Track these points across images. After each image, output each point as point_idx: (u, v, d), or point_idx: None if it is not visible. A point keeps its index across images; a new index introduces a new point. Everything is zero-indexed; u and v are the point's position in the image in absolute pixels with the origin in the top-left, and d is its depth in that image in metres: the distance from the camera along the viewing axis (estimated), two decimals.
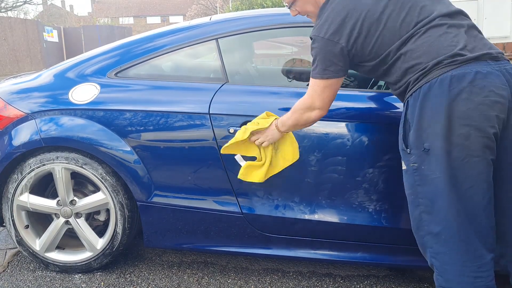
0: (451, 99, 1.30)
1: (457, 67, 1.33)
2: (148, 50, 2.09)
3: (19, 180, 2.08)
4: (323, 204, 1.94)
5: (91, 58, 2.15)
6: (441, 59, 1.35)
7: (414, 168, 1.39)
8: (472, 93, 1.29)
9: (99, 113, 2.01)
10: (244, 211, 1.98)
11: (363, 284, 2.10)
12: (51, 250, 2.18)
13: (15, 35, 18.01)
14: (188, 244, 2.11)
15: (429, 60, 1.37)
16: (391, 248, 1.96)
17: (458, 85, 1.31)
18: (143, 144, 1.99)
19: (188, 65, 2.20)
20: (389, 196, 1.89)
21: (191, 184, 2.00)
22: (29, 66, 18.46)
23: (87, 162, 2.03)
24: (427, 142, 1.34)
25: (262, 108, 1.90)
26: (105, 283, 2.13)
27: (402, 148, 1.45)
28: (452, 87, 1.31)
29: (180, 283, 2.12)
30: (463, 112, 1.29)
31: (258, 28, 2.06)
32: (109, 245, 2.12)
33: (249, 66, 2.43)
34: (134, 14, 46.53)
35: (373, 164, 1.87)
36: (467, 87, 1.30)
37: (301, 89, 2.01)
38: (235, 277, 2.17)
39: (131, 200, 2.08)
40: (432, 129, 1.33)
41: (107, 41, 19.77)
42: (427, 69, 1.37)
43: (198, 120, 1.94)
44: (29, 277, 2.20)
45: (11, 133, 2.07)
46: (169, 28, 2.20)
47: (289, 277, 2.16)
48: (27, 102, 2.10)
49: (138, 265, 2.29)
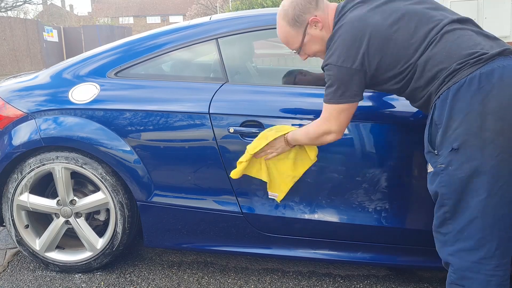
0: (483, 97, 1.30)
1: (483, 65, 1.33)
2: (148, 50, 2.09)
3: (19, 180, 2.08)
4: (323, 204, 1.94)
5: (91, 58, 2.15)
6: (465, 60, 1.35)
7: (442, 169, 1.39)
8: (503, 88, 1.29)
9: (99, 112, 2.01)
10: (244, 211, 1.98)
11: (363, 284, 2.10)
12: (51, 249, 2.18)
13: (15, 35, 18.01)
14: (188, 244, 2.11)
15: (452, 63, 1.37)
16: (391, 248, 1.96)
17: (488, 82, 1.30)
18: (143, 144, 1.99)
19: (188, 64, 2.20)
20: (389, 196, 1.89)
21: (191, 184, 2.00)
22: (29, 66, 18.47)
23: (87, 161, 2.03)
24: (457, 142, 1.33)
25: (262, 107, 1.91)
26: (105, 283, 2.13)
27: (429, 150, 1.44)
28: (482, 84, 1.31)
29: (180, 283, 2.12)
30: (496, 108, 1.29)
31: (258, 28, 2.06)
32: (109, 245, 2.12)
33: (249, 66, 2.43)
34: (134, 14, 46.54)
35: (373, 163, 1.87)
36: (497, 82, 1.30)
37: (301, 89, 2.01)
38: (235, 277, 2.17)
39: (131, 200, 2.08)
40: (463, 128, 1.32)
41: (107, 41, 19.78)
42: (452, 71, 1.36)
43: (198, 120, 1.94)
44: (29, 277, 2.20)
45: (11, 133, 2.07)
46: (169, 28, 2.20)
47: (289, 277, 2.16)
48: (27, 101, 2.10)
49: (138, 265, 2.29)
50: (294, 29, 1.61)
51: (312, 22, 1.58)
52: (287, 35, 1.64)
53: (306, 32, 1.60)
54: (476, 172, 1.32)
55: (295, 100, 1.93)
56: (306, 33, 1.60)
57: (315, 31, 1.60)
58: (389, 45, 1.45)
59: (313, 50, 1.64)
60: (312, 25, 1.59)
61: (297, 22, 1.59)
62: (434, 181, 1.42)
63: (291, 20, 1.60)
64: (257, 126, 1.90)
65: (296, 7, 1.58)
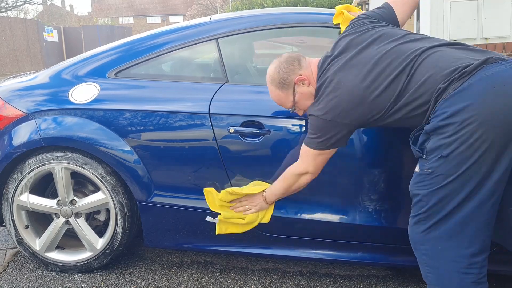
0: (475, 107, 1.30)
1: (470, 77, 1.33)
2: (148, 50, 2.09)
3: (19, 180, 2.08)
4: (323, 204, 1.94)
5: (91, 58, 2.15)
6: (449, 78, 1.36)
7: (428, 173, 1.40)
8: (497, 95, 1.30)
9: (99, 112, 2.01)
10: None
11: (363, 284, 2.10)
12: (51, 250, 2.18)
13: (15, 35, 18.01)
14: (188, 244, 2.11)
15: (436, 86, 1.38)
16: (391, 248, 1.96)
17: (478, 92, 1.31)
18: (143, 144, 1.99)
19: (188, 65, 2.20)
20: (389, 196, 1.89)
21: (191, 184, 2.00)
22: (29, 66, 18.47)
23: (87, 162, 2.03)
24: (447, 150, 1.34)
25: (262, 107, 1.91)
26: (105, 283, 2.13)
27: (418, 155, 1.46)
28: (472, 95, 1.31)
29: (180, 283, 2.12)
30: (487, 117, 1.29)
31: (258, 28, 2.06)
32: (109, 245, 2.12)
33: (249, 66, 2.43)
34: (134, 14, 46.54)
35: (373, 164, 1.87)
36: (487, 92, 1.30)
37: None
38: (235, 277, 2.17)
39: (131, 200, 2.08)
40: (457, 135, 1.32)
41: (107, 41, 19.77)
42: (440, 92, 1.37)
43: (198, 120, 1.94)
44: (29, 277, 2.20)
45: (11, 133, 2.07)
46: (169, 28, 2.20)
47: (289, 277, 2.16)
48: (27, 101, 2.10)
49: (138, 265, 2.29)
50: (283, 91, 1.68)
51: (298, 81, 1.65)
52: (279, 97, 1.71)
53: (295, 91, 1.66)
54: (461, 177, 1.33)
55: None
56: (295, 92, 1.66)
57: (303, 88, 1.66)
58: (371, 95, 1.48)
59: (306, 105, 1.69)
60: (299, 84, 1.66)
61: (284, 85, 1.67)
62: (417, 181, 1.45)
63: (279, 84, 1.67)
64: (257, 126, 1.90)
65: (280, 71, 1.66)
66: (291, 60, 1.67)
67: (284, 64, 1.67)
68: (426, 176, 1.41)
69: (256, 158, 1.94)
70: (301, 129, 1.89)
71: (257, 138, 1.91)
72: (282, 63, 1.67)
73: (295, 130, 1.89)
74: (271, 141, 1.90)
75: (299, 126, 1.89)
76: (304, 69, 1.66)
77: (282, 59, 1.69)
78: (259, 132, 1.90)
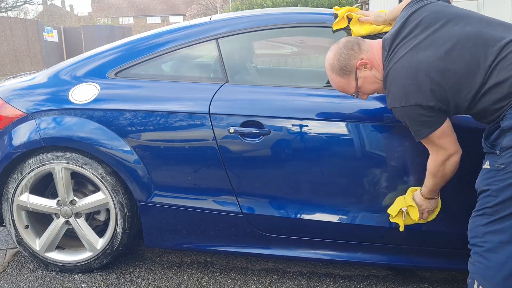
0: None
1: None
2: (148, 50, 2.09)
3: (19, 180, 2.08)
4: (323, 204, 1.94)
5: (91, 58, 2.15)
6: None
7: (500, 169, 1.39)
8: None
9: (99, 113, 2.01)
10: (244, 211, 1.98)
11: (363, 284, 2.10)
12: (51, 250, 2.18)
13: (15, 35, 18.00)
14: (188, 244, 2.11)
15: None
16: (391, 248, 1.96)
17: None
18: (143, 144, 1.99)
19: (188, 65, 2.20)
20: (389, 195, 1.88)
21: (191, 184, 2.00)
22: (29, 66, 18.46)
23: (87, 162, 2.03)
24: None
25: (262, 107, 1.91)
26: (105, 283, 2.13)
27: (489, 151, 1.44)
28: None
29: (180, 283, 2.12)
30: None
31: (258, 28, 2.06)
32: (109, 245, 2.12)
33: (249, 66, 2.43)
34: (134, 14, 46.55)
35: (373, 164, 1.87)
36: None
37: (300, 89, 2.01)
38: (235, 277, 2.17)
39: (131, 200, 2.08)
40: None
41: (107, 41, 19.78)
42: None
43: (198, 120, 1.94)
44: (29, 277, 2.20)
45: (11, 133, 2.07)
46: (169, 28, 2.20)
47: (289, 277, 2.16)
48: (27, 102, 2.09)
49: (138, 265, 2.29)
50: (345, 78, 1.62)
51: (360, 66, 1.60)
52: (341, 84, 1.65)
53: (357, 77, 1.61)
54: None
55: (295, 100, 1.93)
56: (357, 77, 1.61)
57: (366, 73, 1.61)
58: (449, 75, 1.43)
59: (370, 89, 1.64)
60: (361, 68, 1.60)
61: (345, 71, 1.61)
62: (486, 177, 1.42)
63: (340, 71, 1.62)
64: (257, 126, 1.90)
65: (340, 57, 1.61)
66: (350, 44, 1.61)
67: (343, 49, 1.60)
68: (498, 172, 1.38)
69: (256, 158, 1.94)
70: (301, 129, 1.89)
71: (257, 138, 1.91)
72: (341, 48, 1.61)
73: (295, 130, 1.89)
74: (271, 141, 1.90)
75: (299, 126, 1.88)
76: (365, 52, 1.60)
77: (340, 45, 1.62)
78: (259, 132, 1.90)
